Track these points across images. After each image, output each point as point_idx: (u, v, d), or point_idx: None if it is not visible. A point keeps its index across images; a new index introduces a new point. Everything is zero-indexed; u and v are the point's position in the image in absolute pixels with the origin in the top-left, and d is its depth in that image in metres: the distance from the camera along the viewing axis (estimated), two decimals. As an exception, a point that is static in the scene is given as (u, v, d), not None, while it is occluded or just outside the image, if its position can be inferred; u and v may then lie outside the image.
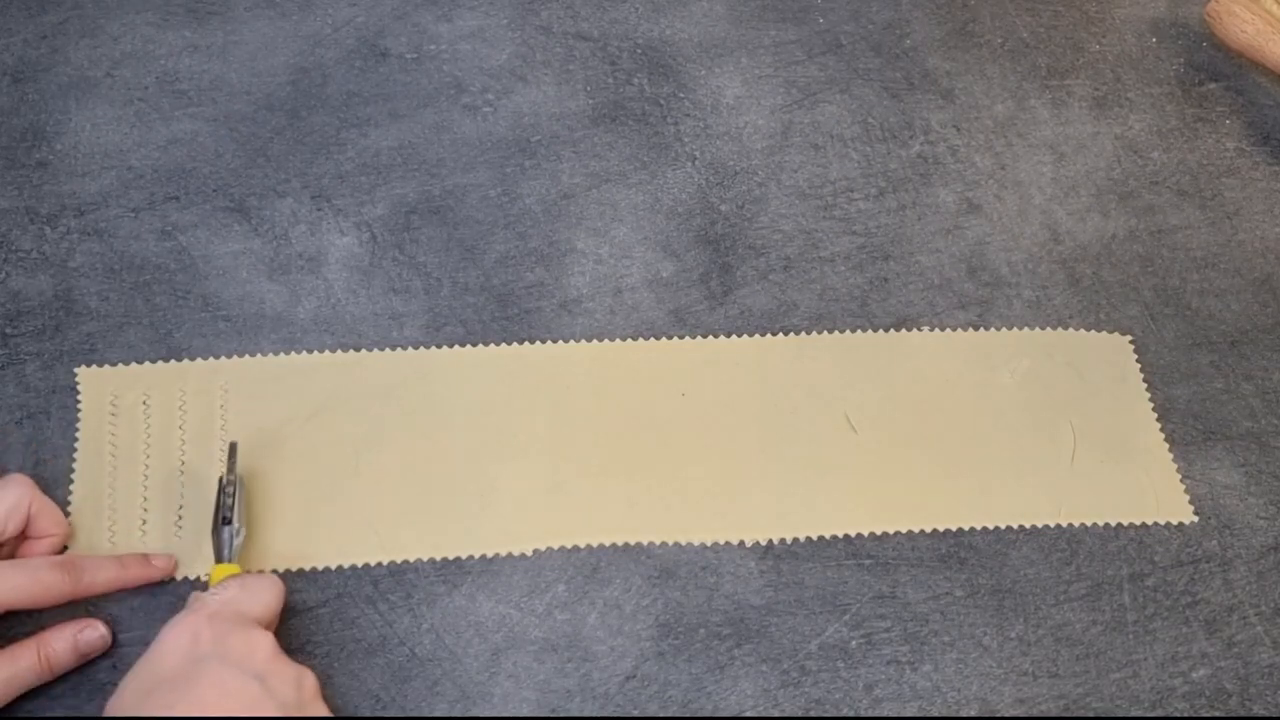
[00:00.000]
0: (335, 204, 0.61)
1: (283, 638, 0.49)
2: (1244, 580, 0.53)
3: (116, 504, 0.51)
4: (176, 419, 0.54)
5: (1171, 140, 0.68)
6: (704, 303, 0.60)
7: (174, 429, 0.53)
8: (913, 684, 0.50)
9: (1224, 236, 0.64)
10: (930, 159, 0.66)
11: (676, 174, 0.64)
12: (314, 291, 0.58)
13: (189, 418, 0.54)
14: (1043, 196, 0.65)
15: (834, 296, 0.60)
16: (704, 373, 0.58)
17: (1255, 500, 0.56)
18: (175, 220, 0.60)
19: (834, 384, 0.57)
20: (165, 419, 0.53)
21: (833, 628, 0.51)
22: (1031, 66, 0.71)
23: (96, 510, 0.51)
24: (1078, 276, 0.62)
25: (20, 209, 0.60)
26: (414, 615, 0.50)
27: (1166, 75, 0.71)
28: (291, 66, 0.66)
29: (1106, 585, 0.53)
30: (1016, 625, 0.52)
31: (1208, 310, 0.62)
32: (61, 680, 0.47)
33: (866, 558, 0.53)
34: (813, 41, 0.70)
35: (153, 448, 0.53)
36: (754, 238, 0.62)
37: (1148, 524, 0.55)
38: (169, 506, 0.51)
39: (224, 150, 0.63)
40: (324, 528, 0.52)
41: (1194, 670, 0.51)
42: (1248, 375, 0.60)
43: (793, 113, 0.67)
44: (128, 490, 0.52)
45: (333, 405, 0.55)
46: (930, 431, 0.56)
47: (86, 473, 0.52)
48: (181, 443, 0.53)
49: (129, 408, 0.53)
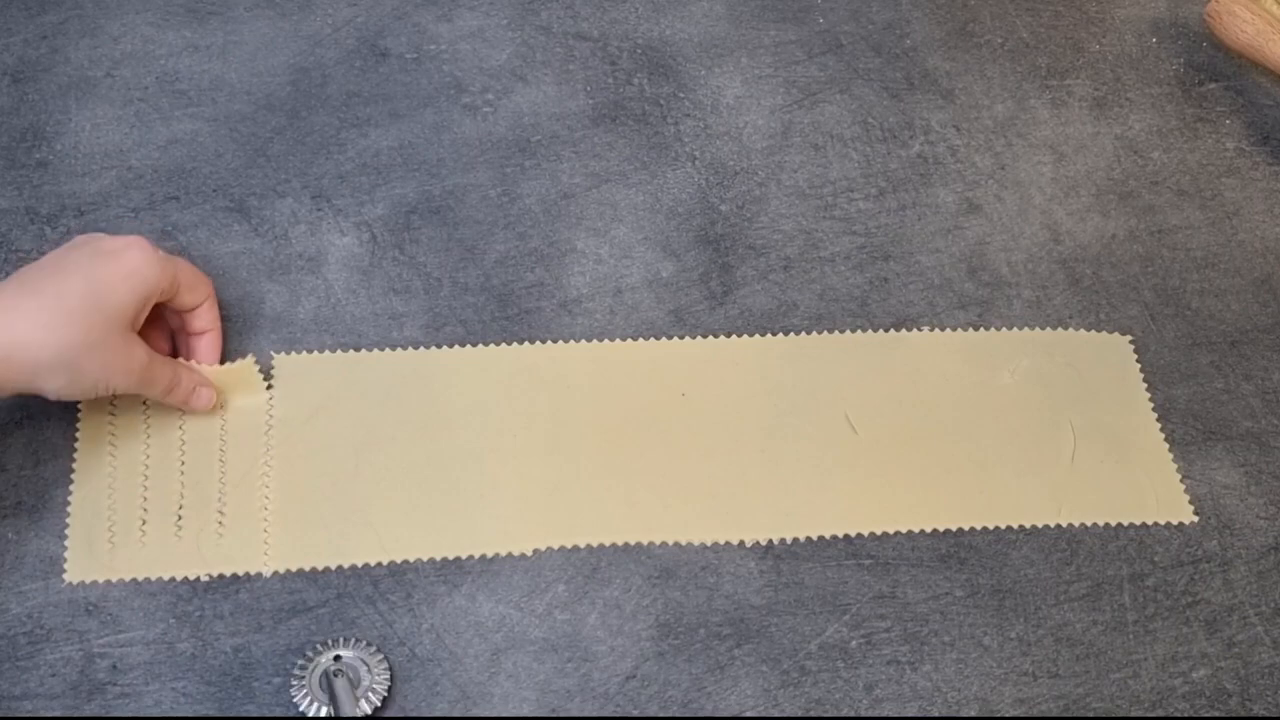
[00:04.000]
0: (335, 204, 0.61)
1: (283, 638, 0.49)
2: (1244, 580, 0.53)
3: (116, 504, 0.51)
4: (176, 419, 0.53)
5: (1171, 140, 0.68)
6: (704, 303, 0.60)
7: (174, 429, 0.53)
8: (913, 684, 0.50)
9: (1224, 236, 0.64)
10: (930, 159, 0.66)
11: (676, 174, 0.64)
12: (314, 291, 0.58)
13: (188, 418, 0.54)
14: (1043, 196, 0.65)
15: (834, 296, 0.60)
16: (704, 373, 0.58)
17: (1255, 500, 0.56)
18: (175, 220, 0.60)
19: (834, 384, 0.57)
20: (164, 419, 0.53)
21: (833, 628, 0.51)
22: (1031, 66, 0.71)
23: (96, 510, 0.51)
24: (1078, 276, 0.62)
25: (20, 209, 0.60)
26: (414, 615, 0.50)
27: (1166, 75, 0.71)
28: (291, 66, 0.66)
29: (1107, 585, 0.53)
30: (1017, 625, 0.52)
31: (1208, 310, 0.62)
32: (60, 681, 0.47)
33: (866, 558, 0.53)
34: (813, 41, 0.70)
35: (152, 448, 0.53)
36: (754, 238, 0.62)
37: (1148, 524, 0.55)
38: (169, 507, 0.51)
39: (224, 150, 0.63)
40: (324, 528, 0.51)
41: (1194, 670, 0.51)
42: (1248, 375, 0.60)
43: (793, 113, 0.67)
44: (127, 490, 0.52)
45: (332, 405, 0.55)
46: (930, 431, 0.56)
47: (86, 473, 0.52)
48: (181, 443, 0.53)
49: (128, 407, 0.53)
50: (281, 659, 0.48)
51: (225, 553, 0.50)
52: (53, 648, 0.48)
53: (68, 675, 0.47)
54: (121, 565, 0.50)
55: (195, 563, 0.50)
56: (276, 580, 0.50)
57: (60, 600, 0.49)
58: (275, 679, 0.48)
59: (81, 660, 0.48)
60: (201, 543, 0.50)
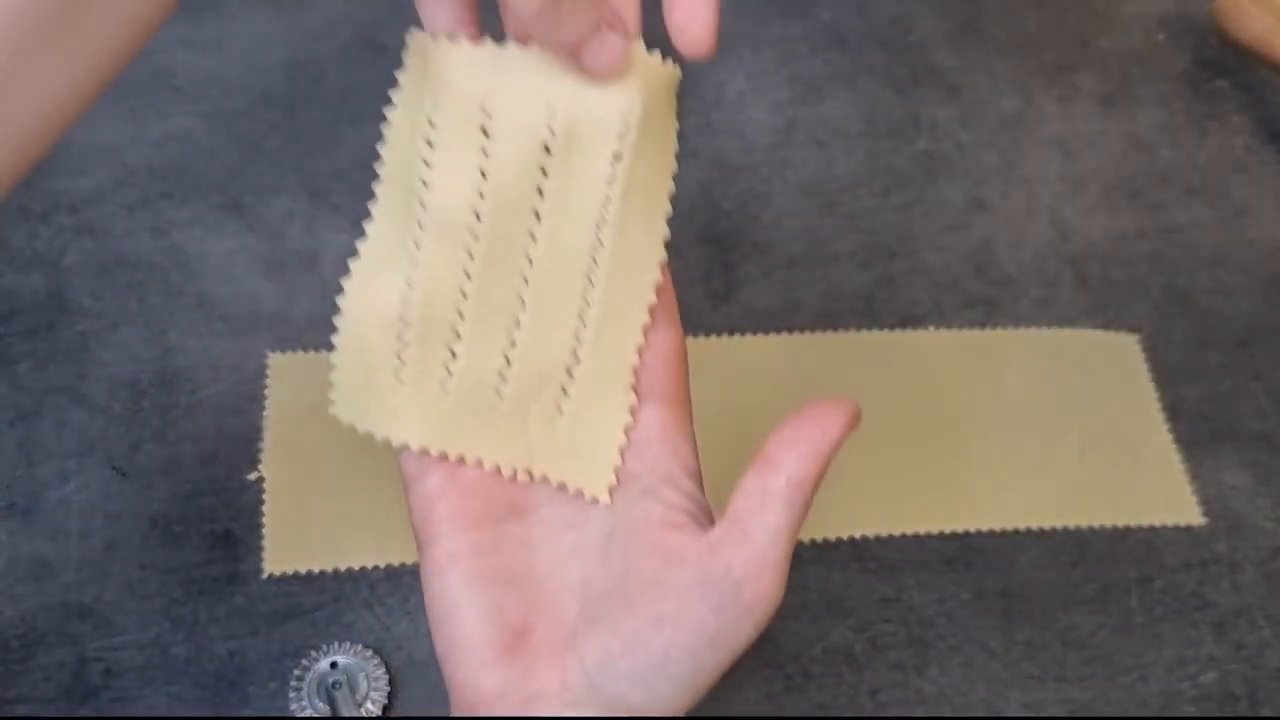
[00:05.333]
0: (332, 201, 0.61)
1: (278, 642, 0.48)
2: (1252, 583, 0.53)
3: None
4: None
5: (1180, 137, 0.67)
6: (706, 301, 0.59)
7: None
8: (918, 688, 0.49)
9: (1233, 234, 0.64)
10: (936, 156, 0.65)
11: (678, 170, 0.64)
12: (310, 290, 0.58)
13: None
14: (1050, 194, 0.65)
15: (838, 295, 0.60)
16: (706, 372, 0.57)
17: (1264, 502, 0.55)
18: (170, 218, 0.59)
19: (838, 384, 0.57)
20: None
21: (837, 631, 0.50)
22: (1038, 62, 0.70)
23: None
24: (1085, 275, 0.62)
25: (12, 206, 0.59)
26: (411, 619, 0.49)
27: (1175, 71, 0.70)
28: (287, 62, 0.66)
29: (1114, 588, 0.52)
30: (1023, 629, 0.51)
31: (1217, 309, 0.61)
32: (53, 685, 0.47)
33: (871, 560, 0.52)
34: (817, 36, 0.70)
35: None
36: (757, 235, 0.62)
37: (1155, 525, 0.54)
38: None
39: (219, 147, 0.62)
40: (320, 530, 0.51)
41: (1202, 674, 0.50)
42: (1257, 375, 0.59)
43: (797, 108, 0.67)
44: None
45: (329, 405, 0.54)
46: (936, 432, 0.56)
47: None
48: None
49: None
50: (277, 663, 0.48)
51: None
52: (46, 651, 0.47)
53: (61, 679, 0.47)
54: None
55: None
56: (272, 583, 0.50)
57: (53, 603, 0.48)
58: (271, 683, 0.47)
59: (75, 664, 0.47)
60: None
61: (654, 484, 0.34)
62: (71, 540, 0.50)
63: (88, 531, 0.51)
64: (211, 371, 0.55)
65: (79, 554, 0.50)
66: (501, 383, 0.34)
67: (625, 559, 0.33)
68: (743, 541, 0.32)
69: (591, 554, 0.34)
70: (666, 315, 0.36)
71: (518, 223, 0.32)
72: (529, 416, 0.34)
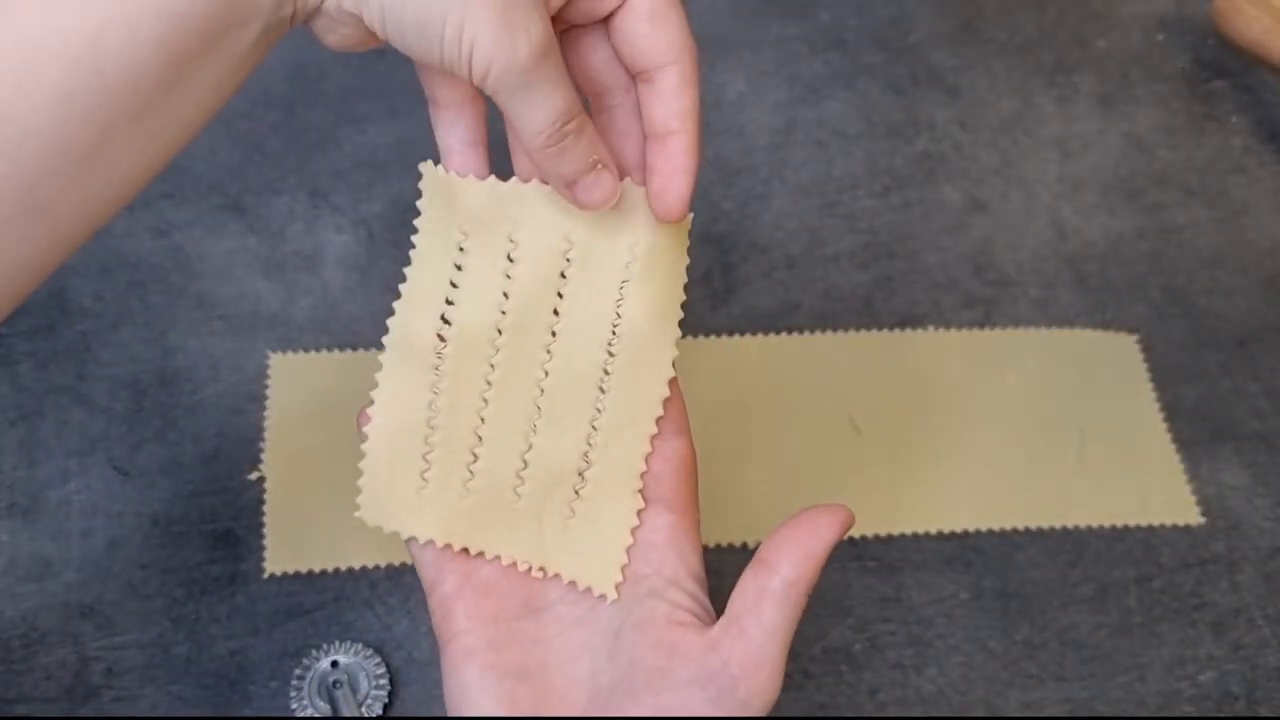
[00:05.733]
0: (332, 201, 0.61)
1: (279, 641, 0.48)
2: (1251, 582, 0.53)
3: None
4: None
5: (1178, 138, 0.68)
6: (706, 301, 0.59)
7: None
8: (917, 688, 0.49)
9: (1231, 235, 0.64)
10: (935, 156, 0.65)
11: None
12: (310, 290, 0.58)
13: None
14: (1049, 194, 0.65)
15: (838, 295, 0.60)
16: (705, 372, 0.57)
17: (1262, 501, 0.55)
18: (170, 218, 0.59)
19: (838, 384, 0.57)
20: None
21: (836, 631, 0.50)
22: (1037, 63, 0.70)
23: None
24: (1084, 275, 0.62)
25: (14, 206, 0.59)
26: (412, 618, 0.49)
27: (1173, 72, 0.70)
28: (288, 63, 0.66)
29: (1113, 587, 0.52)
30: (1022, 628, 0.51)
31: (1215, 309, 0.61)
32: (55, 684, 0.47)
33: (870, 560, 0.52)
34: (816, 37, 0.70)
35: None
36: (757, 235, 0.62)
37: (1154, 525, 0.54)
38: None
39: (220, 147, 0.62)
40: (321, 529, 0.51)
41: (1200, 673, 0.50)
42: (1255, 375, 0.59)
43: (796, 109, 0.67)
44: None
45: (329, 405, 0.54)
46: (935, 432, 0.56)
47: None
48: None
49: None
50: (278, 662, 0.48)
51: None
52: (47, 651, 0.48)
53: (62, 679, 0.47)
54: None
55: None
56: (273, 583, 0.50)
57: (55, 603, 0.49)
58: (272, 682, 0.47)
59: (76, 664, 0.47)
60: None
61: (660, 585, 0.36)
62: (73, 540, 0.50)
63: (89, 531, 0.51)
64: (212, 371, 0.55)
65: (80, 553, 0.50)
66: (519, 483, 0.37)
67: (631, 653, 0.35)
68: (739, 638, 0.34)
69: (601, 649, 0.36)
70: (676, 426, 0.38)
71: (535, 338, 0.36)
72: (544, 516, 0.37)
